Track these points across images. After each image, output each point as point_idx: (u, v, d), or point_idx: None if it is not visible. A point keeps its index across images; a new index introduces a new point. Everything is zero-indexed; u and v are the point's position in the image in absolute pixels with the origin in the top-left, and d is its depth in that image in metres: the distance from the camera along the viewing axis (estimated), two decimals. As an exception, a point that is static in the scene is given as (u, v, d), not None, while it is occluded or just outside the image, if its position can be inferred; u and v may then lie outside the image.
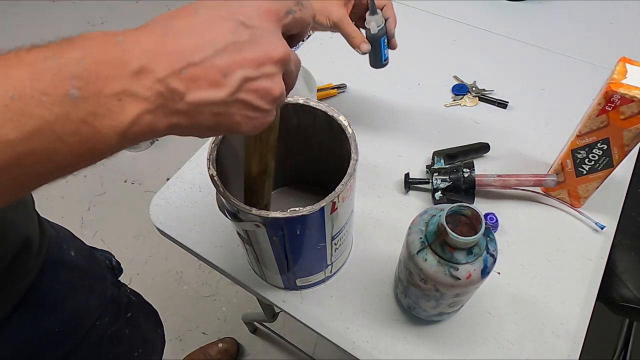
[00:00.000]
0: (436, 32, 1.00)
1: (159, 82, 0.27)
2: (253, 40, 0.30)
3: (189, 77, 0.28)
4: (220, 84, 0.29)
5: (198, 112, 0.29)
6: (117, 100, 0.26)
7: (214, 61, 0.28)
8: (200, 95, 0.28)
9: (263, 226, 0.46)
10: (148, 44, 0.27)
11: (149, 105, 0.27)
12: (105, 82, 0.25)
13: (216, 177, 0.47)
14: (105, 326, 0.65)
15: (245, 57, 0.29)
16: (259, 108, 0.31)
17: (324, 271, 0.61)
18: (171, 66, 0.27)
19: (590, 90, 0.68)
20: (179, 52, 0.28)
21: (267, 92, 0.31)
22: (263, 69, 0.30)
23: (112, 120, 0.26)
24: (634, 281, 0.85)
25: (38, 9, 2.37)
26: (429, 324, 0.61)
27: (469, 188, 0.68)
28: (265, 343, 1.38)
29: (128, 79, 0.26)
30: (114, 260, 0.75)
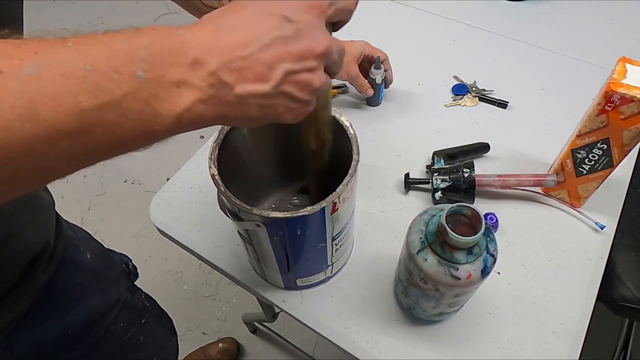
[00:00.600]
0: (436, 32, 0.99)
1: (212, 74, 0.29)
2: (297, 34, 0.31)
3: (237, 70, 0.30)
4: (265, 77, 0.31)
5: (245, 103, 0.31)
6: (176, 87, 0.28)
7: (260, 55, 0.30)
8: (248, 88, 0.30)
9: (263, 226, 0.46)
10: (203, 37, 0.29)
11: (202, 94, 0.29)
12: (167, 69, 0.27)
13: (217, 176, 0.47)
14: (120, 332, 0.66)
15: (288, 51, 0.31)
16: (299, 99, 0.33)
17: (325, 271, 0.61)
18: (222, 59, 0.29)
19: (590, 90, 0.68)
20: (229, 47, 0.29)
21: (308, 84, 0.33)
22: (305, 62, 0.32)
23: (170, 104, 0.28)
24: (634, 281, 0.85)
25: (38, 9, 2.37)
26: (429, 324, 0.61)
27: (469, 188, 0.68)
28: (265, 343, 1.38)
29: (186, 68, 0.28)
30: (130, 264, 0.75)
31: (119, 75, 0.26)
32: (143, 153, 1.39)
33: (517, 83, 0.88)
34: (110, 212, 1.65)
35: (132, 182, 1.71)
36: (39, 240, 0.52)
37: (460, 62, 0.92)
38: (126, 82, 0.26)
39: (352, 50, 0.77)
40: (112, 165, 1.72)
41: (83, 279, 0.59)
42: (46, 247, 0.53)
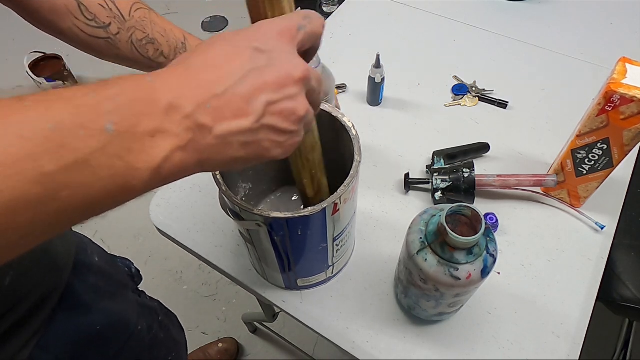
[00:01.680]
0: (436, 32, 1.00)
1: (187, 117, 0.27)
2: (271, 63, 0.30)
3: (214, 110, 0.28)
4: (245, 112, 0.29)
5: (227, 143, 0.29)
6: (151, 137, 0.26)
7: (236, 90, 0.29)
8: (227, 127, 0.28)
9: (265, 226, 0.46)
10: (174, 81, 0.28)
11: (179, 141, 0.27)
12: (139, 119, 0.26)
13: (219, 175, 0.47)
14: (144, 332, 0.67)
15: (266, 81, 0.29)
16: (285, 130, 0.31)
17: (325, 272, 0.61)
18: (197, 101, 0.28)
19: (590, 90, 0.68)
20: (202, 87, 0.28)
21: (292, 113, 0.31)
22: (285, 90, 0.30)
23: (146, 156, 0.26)
24: (634, 281, 0.85)
25: (38, 9, 2.37)
26: (429, 324, 0.61)
27: (469, 188, 0.68)
28: (265, 343, 1.38)
29: (160, 116, 0.27)
30: (133, 268, 0.76)
31: (85, 132, 0.24)
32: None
33: (517, 83, 0.88)
34: (110, 212, 1.63)
35: (132, 182, 1.71)
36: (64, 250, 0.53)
37: (460, 62, 0.92)
38: (94, 138, 0.24)
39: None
40: (112, 165, 1.72)
41: (94, 281, 0.60)
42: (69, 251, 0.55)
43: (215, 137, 0.28)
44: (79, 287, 0.57)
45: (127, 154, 0.25)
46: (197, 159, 0.29)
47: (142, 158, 0.26)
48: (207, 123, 0.28)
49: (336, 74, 0.90)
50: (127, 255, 0.81)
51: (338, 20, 1.02)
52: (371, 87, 0.83)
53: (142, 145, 0.26)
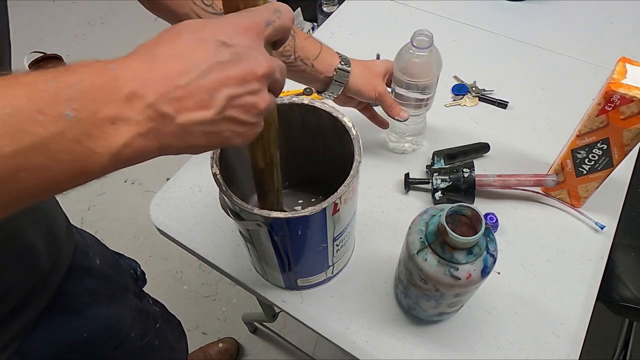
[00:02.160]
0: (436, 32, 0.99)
1: (149, 106, 0.28)
2: (235, 58, 0.31)
3: (177, 100, 0.29)
4: (207, 104, 0.30)
5: (188, 132, 0.30)
6: (111, 124, 0.27)
7: (199, 83, 0.29)
8: (189, 117, 0.29)
9: (264, 226, 0.46)
10: (137, 70, 0.28)
11: (140, 128, 0.28)
12: (99, 106, 0.26)
13: (219, 175, 0.47)
14: (137, 338, 0.67)
15: (229, 76, 0.30)
16: (246, 122, 0.32)
17: (325, 272, 0.61)
18: (159, 91, 0.28)
19: (590, 90, 0.68)
20: (166, 77, 0.28)
21: (253, 107, 0.32)
22: (247, 85, 0.31)
23: (106, 142, 0.27)
24: (634, 281, 0.85)
25: (38, 9, 2.37)
26: (429, 324, 0.61)
27: (469, 188, 0.68)
28: (265, 343, 1.38)
29: (121, 103, 0.27)
30: (138, 270, 0.76)
31: (43, 117, 0.24)
32: (143, 153, 1.34)
33: (517, 83, 0.88)
34: (110, 212, 1.65)
35: (132, 182, 1.71)
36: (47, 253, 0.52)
37: (460, 62, 0.92)
38: (53, 123, 0.25)
39: (376, 68, 0.69)
40: (112, 165, 1.72)
41: (91, 285, 0.60)
42: (58, 254, 0.53)
43: (177, 126, 0.29)
44: (72, 291, 0.56)
45: (87, 139, 0.26)
46: (157, 145, 0.29)
47: (101, 143, 0.27)
48: (170, 112, 0.28)
49: (336, 74, 0.91)
50: (127, 255, 0.80)
51: (338, 20, 1.02)
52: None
53: (102, 132, 0.26)
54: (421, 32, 0.63)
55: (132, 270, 0.74)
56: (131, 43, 1.20)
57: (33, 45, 2.12)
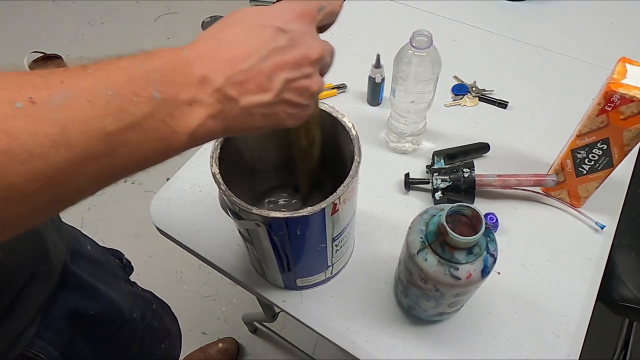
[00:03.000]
0: (436, 32, 0.99)
1: (218, 90, 0.31)
2: (291, 44, 0.33)
3: (240, 84, 0.31)
4: (266, 87, 0.32)
5: (250, 114, 0.32)
6: (188, 105, 0.30)
7: (259, 67, 0.32)
8: (251, 100, 0.32)
9: (263, 225, 0.46)
10: (206, 55, 0.31)
11: (211, 110, 0.31)
12: (179, 89, 0.29)
13: (218, 174, 0.47)
14: (139, 319, 0.71)
15: (286, 61, 0.33)
16: (299, 104, 0.35)
17: (325, 272, 0.61)
18: (226, 74, 0.31)
19: (590, 90, 0.68)
20: (230, 62, 0.31)
21: (307, 90, 0.34)
22: (302, 69, 0.34)
23: (185, 122, 0.30)
24: (634, 281, 0.85)
25: (38, 9, 2.37)
26: (429, 324, 0.61)
27: (469, 188, 0.68)
28: (265, 343, 1.38)
29: (195, 86, 0.30)
30: (124, 258, 0.79)
31: (138, 98, 0.27)
32: (143, 153, 1.34)
33: (517, 83, 0.88)
34: (110, 212, 1.65)
35: (132, 182, 1.71)
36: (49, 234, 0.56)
37: (460, 62, 0.92)
38: (145, 104, 0.27)
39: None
40: (112, 165, 1.72)
41: (88, 269, 0.63)
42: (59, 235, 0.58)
43: (240, 108, 0.32)
44: (77, 273, 0.60)
45: (170, 119, 0.29)
46: (223, 126, 0.32)
47: (181, 124, 0.30)
48: (234, 95, 0.31)
49: (336, 73, 0.90)
50: (127, 255, 0.81)
51: (338, 20, 1.02)
52: (371, 87, 0.83)
53: (181, 112, 0.29)
54: (421, 32, 0.63)
55: (117, 260, 0.77)
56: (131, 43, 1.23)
57: (33, 45, 2.12)
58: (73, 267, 0.60)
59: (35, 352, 0.53)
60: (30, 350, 0.53)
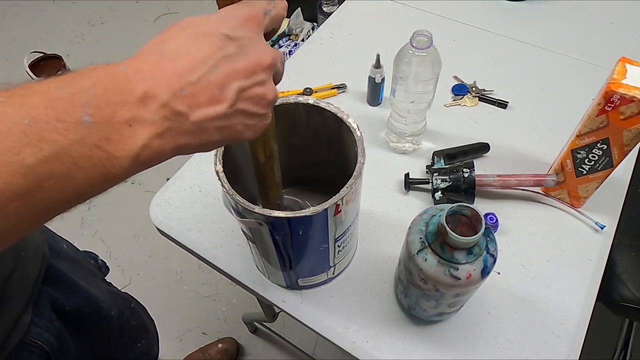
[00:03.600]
0: (436, 32, 0.99)
1: (164, 106, 0.28)
2: (241, 51, 0.31)
3: (189, 97, 0.29)
4: (218, 99, 0.30)
5: (203, 129, 0.30)
6: (128, 126, 0.27)
7: (209, 78, 0.29)
8: (204, 113, 0.29)
9: (266, 225, 0.46)
10: (147, 70, 0.28)
11: (156, 129, 0.28)
12: (114, 109, 0.26)
13: (222, 172, 0.47)
14: (116, 317, 0.72)
15: (237, 69, 0.31)
16: (256, 114, 0.33)
17: (327, 272, 0.61)
18: (172, 89, 0.28)
19: (590, 90, 0.68)
20: (176, 74, 0.29)
21: (262, 98, 0.33)
22: (255, 77, 0.32)
23: (125, 145, 0.27)
24: (634, 281, 0.85)
25: (38, 9, 2.37)
26: (429, 324, 0.61)
27: (469, 188, 0.68)
28: (265, 343, 1.38)
29: (136, 105, 0.27)
30: (99, 259, 0.81)
31: (62, 124, 0.24)
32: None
33: (517, 83, 0.88)
34: (110, 212, 1.65)
35: (132, 182, 1.71)
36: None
37: (460, 62, 0.92)
38: (72, 130, 0.24)
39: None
40: (112, 165, 1.72)
41: (65, 266, 0.64)
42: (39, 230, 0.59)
43: (192, 124, 0.29)
44: (56, 268, 0.61)
45: (106, 144, 0.26)
46: (174, 145, 0.29)
47: (120, 147, 0.27)
48: (184, 110, 0.29)
49: (336, 73, 0.91)
50: (127, 255, 0.82)
51: (338, 20, 1.02)
52: (371, 87, 0.83)
53: (120, 135, 0.26)
54: (420, 32, 0.63)
55: (92, 260, 0.78)
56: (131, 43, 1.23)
57: (33, 45, 2.12)
58: (52, 261, 0.61)
59: (33, 338, 0.55)
60: (28, 337, 0.54)
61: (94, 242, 1.57)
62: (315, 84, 0.88)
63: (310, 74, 0.91)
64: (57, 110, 0.24)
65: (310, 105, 0.52)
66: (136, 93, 0.27)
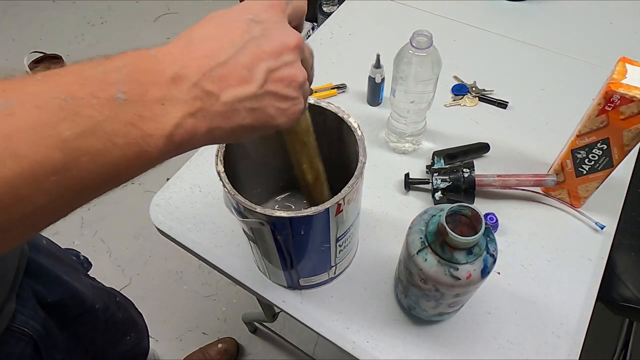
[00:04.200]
0: (436, 32, 0.99)
1: (194, 86, 0.29)
2: (266, 34, 0.32)
3: (219, 78, 0.29)
4: (247, 79, 0.30)
5: (234, 110, 0.30)
6: (160, 105, 0.27)
7: (237, 59, 0.30)
8: (233, 93, 0.30)
9: (268, 225, 0.46)
10: (176, 53, 0.29)
11: (188, 108, 0.28)
12: (146, 88, 0.27)
13: (223, 173, 0.47)
14: (102, 311, 0.72)
15: (264, 50, 0.31)
16: (287, 96, 0.33)
17: (328, 272, 0.61)
18: (201, 70, 0.29)
19: (590, 90, 0.68)
20: (205, 57, 0.29)
21: (292, 79, 0.33)
22: (282, 57, 0.32)
23: (158, 123, 0.27)
24: (634, 281, 0.85)
25: (38, 9, 2.37)
26: (429, 324, 0.61)
27: (469, 188, 0.68)
28: (265, 343, 1.38)
29: (166, 85, 0.28)
30: (81, 255, 0.81)
31: (97, 100, 0.25)
32: (143, 153, 1.35)
33: (517, 83, 0.88)
34: (110, 212, 1.65)
35: (132, 182, 1.70)
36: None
37: (460, 62, 0.92)
38: (106, 106, 0.25)
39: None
40: (112, 165, 1.72)
41: (45, 260, 0.65)
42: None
43: (223, 104, 0.30)
44: (36, 262, 0.62)
45: (140, 121, 0.26)
46: (207, 126, 0.30)
47: (154, 125, 0.27)
48: (214, 90, 0.29)
49: (336, 73, 0.91)
50: (127, 255, 0.82)
51: (338, 20, 1.02)
52: (371, 87, 0.83)
53: (152, 113, 0.27)
54: (420, 32, 0.63)
55: (74, 257, 0.79)
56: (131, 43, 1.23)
57: (33, 45, 2.12)
58: (31, 254, 0.61)
59: (19, 326, 0.56)
60: (14, 324, 0.55)
61: (94, 242, 1.57)
62: (315, 84, 0.87)
63: (310, 74, 0.90)
64: (92, 87, 0.25)
65: (311, 105, 0.52)
66: (167, 74, 0.28)
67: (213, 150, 0.49)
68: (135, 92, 0.26)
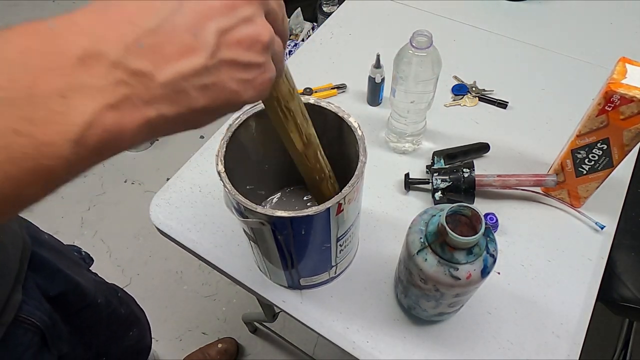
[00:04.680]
0: (436, 32, 0.99)
1: (114, 65, 0.21)
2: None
3: (151, 50, 0.21)
4: (193, 47, 0.22)
5: (180, 91, 0.23)
6: (60, 98, 0.20)
7: (175, 20, 0.22)
8: (175, 69, 0.22)
9: (268, 224, 0.46)
10: (86, 23, 0.21)
11: (108, 97, 0.21)
12: (37, 78, 0.19)
13: (223, 173, 0.47)
14: (104, 305, 0.72)
15: (210, 5, 0.23)
16: (251, 63, 0.25)
17: (328, 272, 0.61)
18: (124, 41, 0.21)
19: (590, 90, 0.68)
20: (128, 22, 0.21)
21: (254, 40, 0.25)
22: (237, 12, 0.24)
23: (58, 125, 0.19)
24: (634, 281, 0.85)
25: (38, 9, 2.37)
26: (429, 324, 0.61)
27: (469, 188, 0.68)
28: (265, 343, 1.38)
29: (71, 69, 0.20)
30: (82, 251, 0.81)
31: None
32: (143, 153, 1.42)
33: (517, 83, 0.88)
34: (110, 212, 1.65)
35: (132, 182, 1.71)
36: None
37: (460, 62, 0.92)
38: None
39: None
40: (111, 166, 1.72)
41: (47, 254, 0.65)
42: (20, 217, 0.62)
43: (161, 85, 0.22)
44: (39, 255, 0.62)
45: (29, 126, 0.19)
46: (141, 118, 0.22)
47: (52, 129, 0.19)
48: (145, 68, 0.21)
49: (336, 73, 0.91)
50: (127, 255, 0.82)
51: (338, 20, 1.02)
52: (371, 87, 0.83)
53: (49, 112, 0.19)
54: (420, 33, 0.63)
55: (76, 253, 0.79)
56: (131, 43, 1.16)
57: (33, 45, 2.12)
58: (34, 248, 0.61)
59: (26, 316, 0.56)
60: (21, 315, 0.55)
61: (94, 242, 1.57)
62: (315, 84, 0.88)
63: (310, 74, 0.91)
64: None
65: (311, 104, 0.52)
66: (71, 53, 0.20)
67: (213, 150, 0.49)
68: (18, 86, 0.19)
